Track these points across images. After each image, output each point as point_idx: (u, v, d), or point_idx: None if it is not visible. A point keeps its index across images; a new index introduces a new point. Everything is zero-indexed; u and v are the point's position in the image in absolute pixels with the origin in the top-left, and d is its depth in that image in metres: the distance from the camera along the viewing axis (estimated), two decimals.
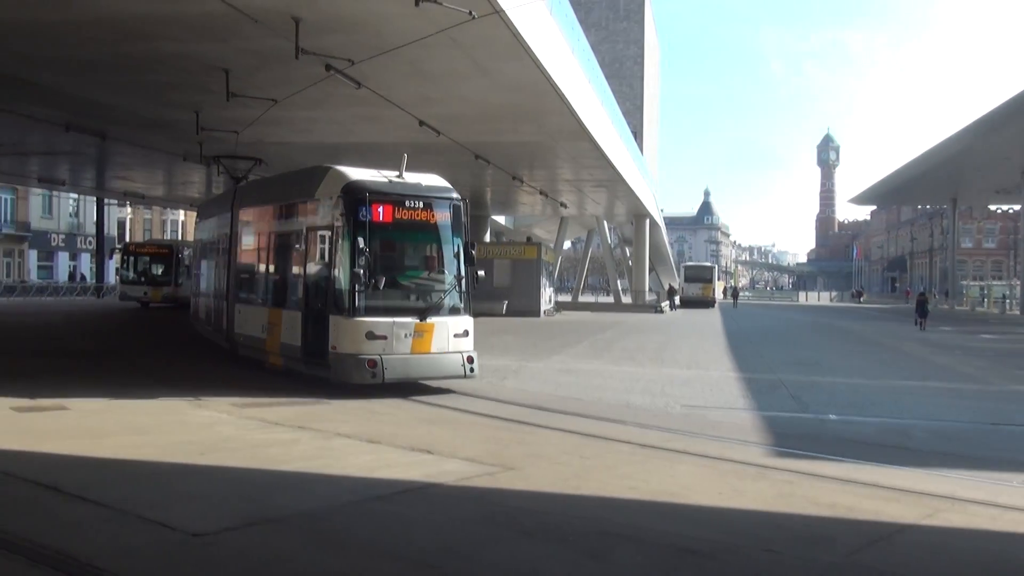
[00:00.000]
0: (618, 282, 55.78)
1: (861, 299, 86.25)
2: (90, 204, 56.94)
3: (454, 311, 13.07)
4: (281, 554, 5.35)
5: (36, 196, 55.45)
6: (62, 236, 59.02)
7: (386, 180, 12.76)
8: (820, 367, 18.59)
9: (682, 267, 68.15)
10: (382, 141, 23.55)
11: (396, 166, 12.56)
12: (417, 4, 11.18)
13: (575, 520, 6.26)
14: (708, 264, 72.58)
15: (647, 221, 48.09)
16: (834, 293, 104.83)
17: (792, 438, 10.03)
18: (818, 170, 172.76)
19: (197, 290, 22.75)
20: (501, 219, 54.27)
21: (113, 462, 7.73)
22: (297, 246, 13.79)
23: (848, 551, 5.76)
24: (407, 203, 12.59)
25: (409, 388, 12.68)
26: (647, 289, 51.24)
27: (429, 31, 12.99)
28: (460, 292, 13.19)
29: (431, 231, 13.04)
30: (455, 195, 13.31)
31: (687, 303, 53.40)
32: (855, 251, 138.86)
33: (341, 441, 8.94)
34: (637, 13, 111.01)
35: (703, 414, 11.85)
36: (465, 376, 12.93)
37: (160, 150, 25.38)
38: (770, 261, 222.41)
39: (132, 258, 38.10)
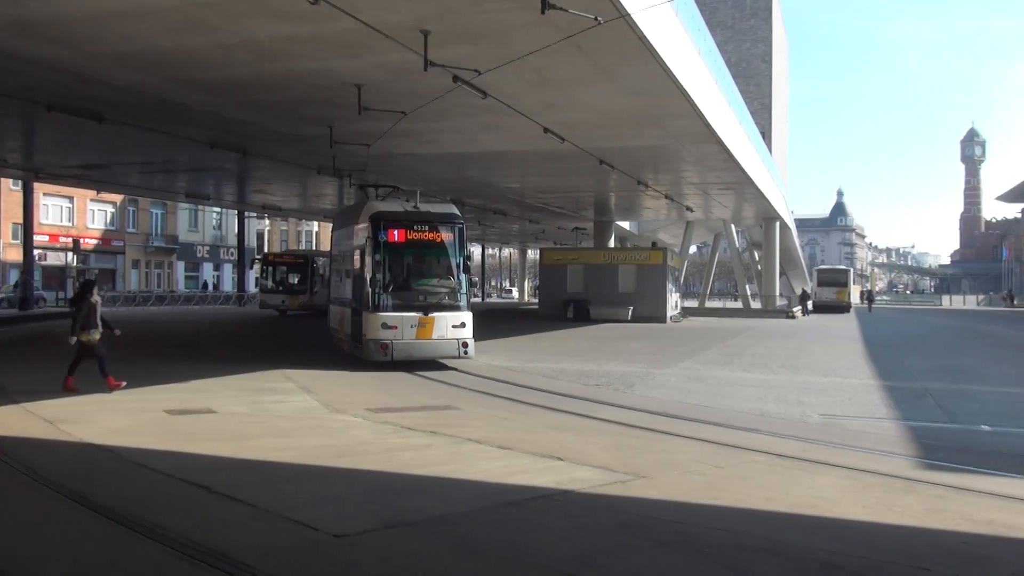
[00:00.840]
0: (747, 287, 54.37)
1: (1013, 302, 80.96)
2: (231, 217, 60.30)
3: (453, 308, 16.83)
4: (419, 558, 5.45)
5: (183, 211, 59.27)
6: (207, 248, 62.74)
7: (402, 209, 17.03)
8: (968, 375, 17.56)
9: (815, 271, 65.70)
10: (506, 149, 23.78)
11: (521, 175, 13.17)
12: (543, 12, 11.16)
13: (712, 531, 6.11)
14: (842, 267, 69.73)
15: (777, 223, 46.64)
16: (981, 296, 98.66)
17: (941, 450, 9.53)
18: (962, 167, 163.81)
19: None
20: (626, 224, 53.73)
21: (257, 464, 8.09)
22: (352, 260, 18.22)
23: (1010, 571, 5.40)
24: (415, 226, 16.79)
25: (416, 365, 16.54)
26: (777, 294, 49.65)
27: (554, 38, 12.98)
28: (459, 293, 17.02)
29: (436, 247, 17.02)
30: (458, 220, 17.28)
31: (820, 308, 51.59)
32: (1004, 252, 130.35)
33: (472, 446, 9.04)
34: (764, 10, 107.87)
35: (843, 424, 11.40)
36: (459, 357, 16.73)
37: (296, 164, 26.40)
38: (909, 263, 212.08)
39: (270, 268, 39.85)
